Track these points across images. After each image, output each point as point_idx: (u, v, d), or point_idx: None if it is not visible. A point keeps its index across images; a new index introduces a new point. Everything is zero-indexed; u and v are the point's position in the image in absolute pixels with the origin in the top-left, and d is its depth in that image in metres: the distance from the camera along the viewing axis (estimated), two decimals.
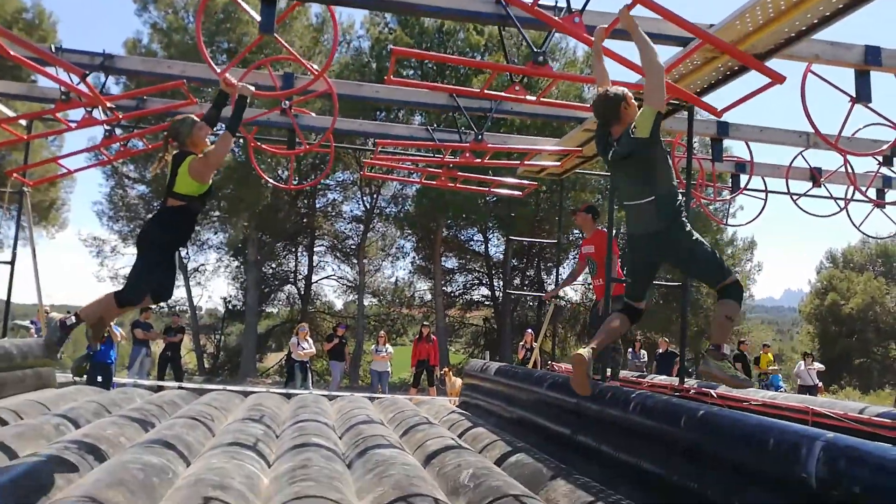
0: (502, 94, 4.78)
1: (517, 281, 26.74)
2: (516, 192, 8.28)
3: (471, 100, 6.21)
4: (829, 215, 8.18)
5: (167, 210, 3.99)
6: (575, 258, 26.63)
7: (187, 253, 25.50)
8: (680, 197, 3.62)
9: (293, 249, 27.32)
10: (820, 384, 14.26)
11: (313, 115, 7.46)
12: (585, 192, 22.10)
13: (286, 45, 5.05)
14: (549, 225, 21.93)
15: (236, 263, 26.50)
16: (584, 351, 3.61)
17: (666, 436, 3.10)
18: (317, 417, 5.62)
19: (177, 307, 25.14)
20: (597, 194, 21.71)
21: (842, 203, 7.93)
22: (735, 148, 10.09)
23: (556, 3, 3.99)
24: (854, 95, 4.73)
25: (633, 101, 3.63)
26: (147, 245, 4.04)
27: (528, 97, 4.66)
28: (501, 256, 25.56)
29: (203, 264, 26.51)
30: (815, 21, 3.94)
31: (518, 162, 7.35)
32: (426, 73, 22.89)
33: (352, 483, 3.59)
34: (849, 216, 7.92)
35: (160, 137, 8.94)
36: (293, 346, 12.25)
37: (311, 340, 12.76)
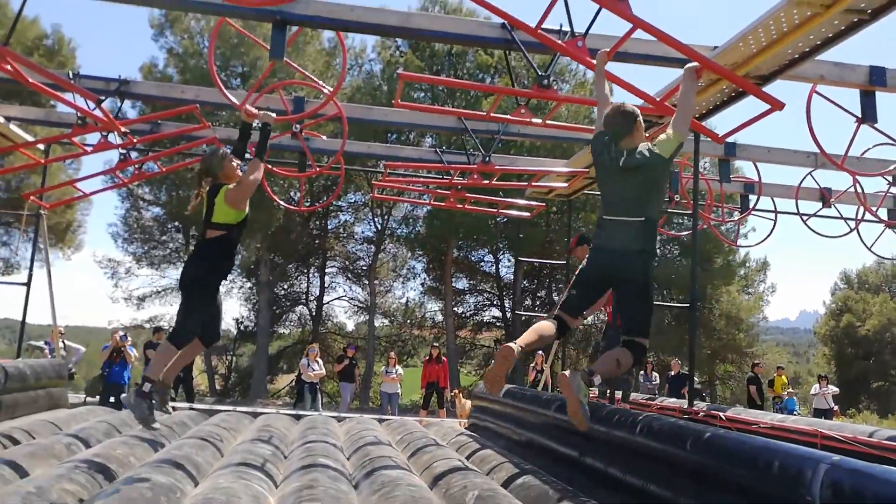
0: (509, 116, 4.84)
1: (528, 302, 26.66)
2: (525, 214, 8.32)
3: (479, 122, 6.29)
4: (839, 236, 8.14)
5: (207, 242, 4.05)
6: None
7: None
8: (656, 233, 3.59)
9: (305, 270, 27.46)
10: (836, 408, 14.03)
11: (324, 137, 7.57)
12: (595, 213, 22.10)
13: (299, 68, 5.16)
14: (560, 246, 21.91)
15: (249, 284, 26.67)
16: (512, 344, 3.52)
17: (671, 458, 3.09)
18: (325, 438, 5.62)
19: None
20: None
21: (852, 223, 7.90)
22: (746, 169, 10.09)
23: (561, 27, 4.05)
24: (860, 116, 4.74)
25: (642, 123, 3.69)
26: (190, 282, 4.07)
27: (535, 120, 4.71)
28: (512, 277, 25.54)
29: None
30: (818, 43, 3.98)
31: (526, 183, 7.40)
32: (437, 95, 23.13)
33: (357, 503, 3.59)
34: (860, 236, 7.88)
35: (175, 160, 9.13)
36: (303, 367, 12.27)
37: (321, 362, 12.78)
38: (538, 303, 26.68)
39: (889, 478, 2.07)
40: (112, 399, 9.15)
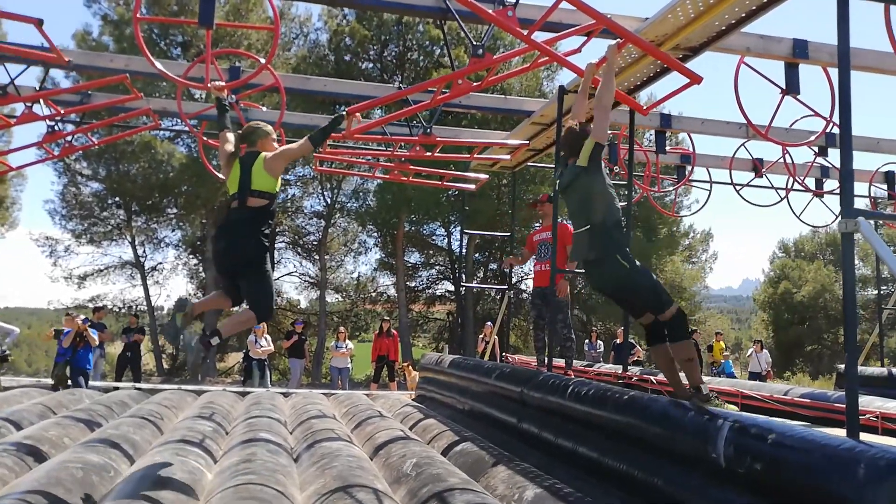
0: (447, 91, 4.81)
1: (480, 274, 26.89)
2: (469, 186, 8.34)
3: (423, 95, 6.22)
4: (770, 205, 8.45)
5: (252, 211, 3.76)
6: None
7: (144, 251, 25.01)
8: (619, 229, 3.58)
9: None
10: (769, 370, 14.72)
11: (264, 108, 7.40)
12: (544, 186, 22.33)
13: (237, 28, 4.98)
14: (509, 217, 22.12)
15: (195, 261, 26.05)
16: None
17: (597, 421, 3.21)
18: (268, 414, 5.61)
19: (135, 307, 24.64)
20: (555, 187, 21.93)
21: (782, 193, 8.20)
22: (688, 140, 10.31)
23: None
24: (784, 87, 4.90)
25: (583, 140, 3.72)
26: (256, 255, 3.77)
27: (474, 84, 4.67)
28: (464, 251, 25.70)
29: (161, 262, 25.99)
30: (744, 14, 4.08)
31: (469, 155, 7.41)
32: (385, 66, 22.82)
33: (296, 475, 3.61)
34: (790, 206, 8.20)
35: (114, 133, 8.74)
36: (250, 343, 12.12)
37: (269, 338, 12.64)
38: (489, 275, 26.94)
39: (783, 431, 2.20)
40: (83, 385, 8.85)
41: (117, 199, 23.60)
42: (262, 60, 5.30)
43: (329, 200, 25.48)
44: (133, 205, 23.55)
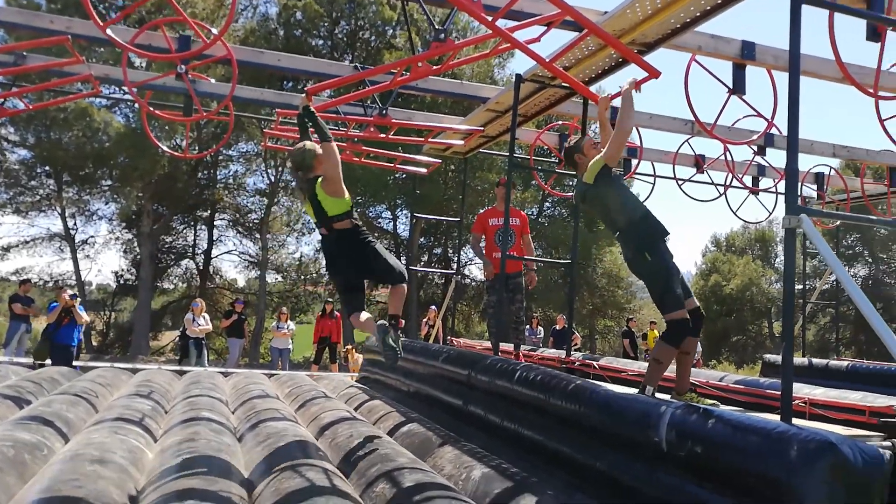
0: (406, 73, 4.78)
1: (425, 258, 26.91)
2: (421, 170, 8.32)
3: (378, 76, 6.15)
4: (710, 200, 8.77)
5: (346, 232, 4.06)
6: None
7: (75, 224, 23.91)
8: (645, 222, 3.76)
9: (192, 223, 26.15)
10: (699, 359, 15.41)
11: (213, 80, 7.16)
12: (492, 173, 22.47)
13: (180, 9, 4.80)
14: (457, 203, 22.18)
15: (129, 236, 25.08)
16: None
17: (543, 405, 3.28)
18: (209, 393, 5.49)
19: (63, 281, 23.58)
20: (503, 174, 22.12)
21: (721, 189, 8.52)
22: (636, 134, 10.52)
23: None
24: (731, 87, 5.08)
25: (591, 150, 3.90)
26: (363, 249, 4.11)
27: (434, 68, 4.65)
28: (409, 234, 25.64)
29: (93, 236, 24.93)
30: (698, 14, 4.20)
31: (423, 139, 7.38)
32: (336, 43, 22.40)
33: (241, 455, 3.56)
34: (727, 202, 8.51)
35: (45, 98, 8.29)
36: (188, 322, 11.79)
37: (207, 317, 12.32)
38: (434, 260, 27.00)
39: (720, 415, 2.32)
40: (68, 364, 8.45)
41: (47, 167, 22.45)
42: (214, 31, 5.12)
43: (273, 178, 24.93)
44: (64, 175, 22.45)
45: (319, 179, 4.00)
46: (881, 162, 8.44)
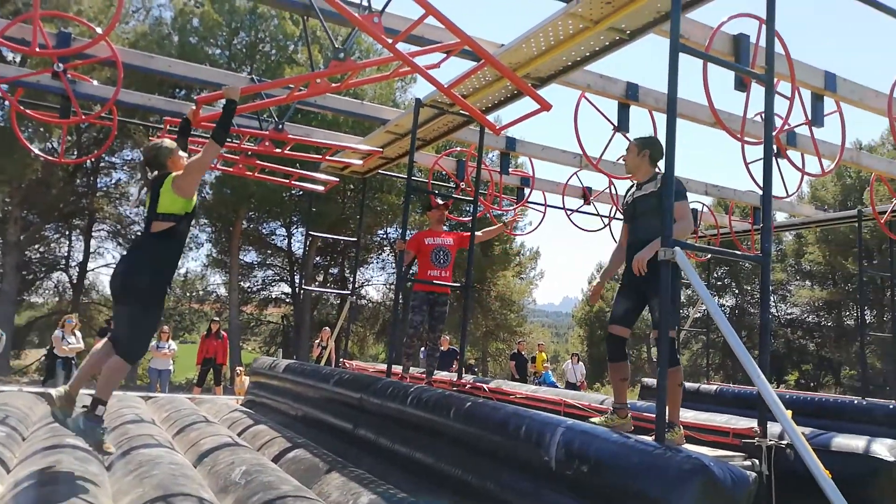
0: (304, 89, 4.70)
1: (321, 278, 26.41)
2: (318, 188, 8.17)
3: (275, 90, 6.01)
4: (596, 230, 9.23)
5: (151, 238, 3.61)
6: (378, 257, 27.00)
7: None
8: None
9: (66, 232, 24.27)
10: (583, 381, 16.09)
11: (95, 83, 6.72)
12: (391, 195, 22.51)
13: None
14: (355, 223, 22.00)
15: None
16: None
17: (435, 426, 3.29)
18: None
19: None
20: (401, 197, 22.22)
21: (606, 220, 8.99)
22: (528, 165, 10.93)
23: (362, 1, 4.02)
24: (616, 124, 5.40)
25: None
26: (147, 287, 3.60)
27: (333, 86, 4.61)
28: (304, 252, 25.14)
29: None
30: (587, 54, 4.45)
31: (321, 157, 7.27)
32: (234, 54, 21.75)
33: (109, 485, 3.30)
34: (611, 232, 9.01)
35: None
36: (56, 339, 10.88)
37: (79, 335, 11.42)
38: (330, 279, 26.55)
39: (606, 437, 2.42)
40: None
41: None
42: (99, 30, 4.83)
43: None
44: None
45: (172, 175, 3.69)
46: (747, 201, 9.24)
